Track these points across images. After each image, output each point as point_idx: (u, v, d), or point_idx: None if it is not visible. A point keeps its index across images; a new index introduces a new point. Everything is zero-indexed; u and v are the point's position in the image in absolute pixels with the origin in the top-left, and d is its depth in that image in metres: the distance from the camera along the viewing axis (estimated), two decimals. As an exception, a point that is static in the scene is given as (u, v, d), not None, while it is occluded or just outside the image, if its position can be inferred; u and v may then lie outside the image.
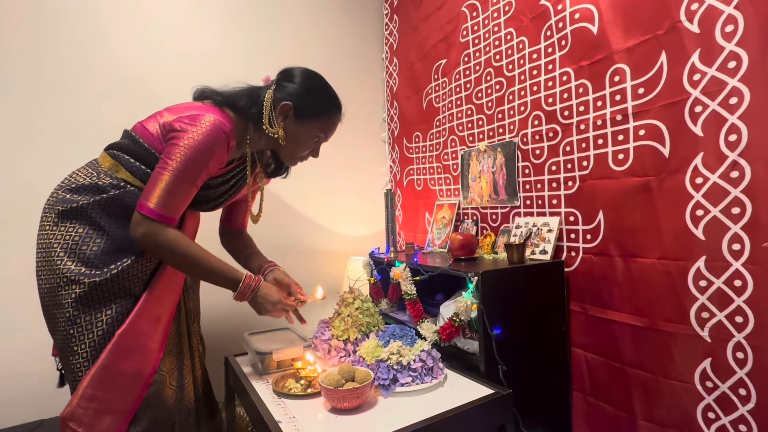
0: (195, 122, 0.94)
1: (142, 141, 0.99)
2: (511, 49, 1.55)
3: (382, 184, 2.36)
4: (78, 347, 0.92)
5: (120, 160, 1.00)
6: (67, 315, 0.92)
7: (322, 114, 1.09)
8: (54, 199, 0.98)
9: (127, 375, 0.96)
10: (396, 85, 2.28)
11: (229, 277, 1.03)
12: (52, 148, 1.54)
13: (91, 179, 0.98)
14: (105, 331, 0.93)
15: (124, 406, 0.96)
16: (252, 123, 1.05)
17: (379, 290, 1.69)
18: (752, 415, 0.95)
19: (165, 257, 0.97)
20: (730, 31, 0.94)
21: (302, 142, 1.09)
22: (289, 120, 1.05)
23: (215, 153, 0.95)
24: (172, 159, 0.91)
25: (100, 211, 0.96)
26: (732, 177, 0.96)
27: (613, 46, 1.19)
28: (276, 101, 1.04)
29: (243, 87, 1.08)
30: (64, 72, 1.56)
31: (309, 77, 1.09)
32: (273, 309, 1.09)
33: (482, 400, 1.00)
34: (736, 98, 0.94)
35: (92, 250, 0.94)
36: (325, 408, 1.00)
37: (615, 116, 1.20)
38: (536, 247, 1.41)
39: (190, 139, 0.92)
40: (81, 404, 0.92)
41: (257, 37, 1.96)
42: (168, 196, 0.91)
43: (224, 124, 0.96)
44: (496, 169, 1.63)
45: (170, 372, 1.04)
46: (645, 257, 1.15)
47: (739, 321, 0.96)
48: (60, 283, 0.92)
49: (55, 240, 0.94)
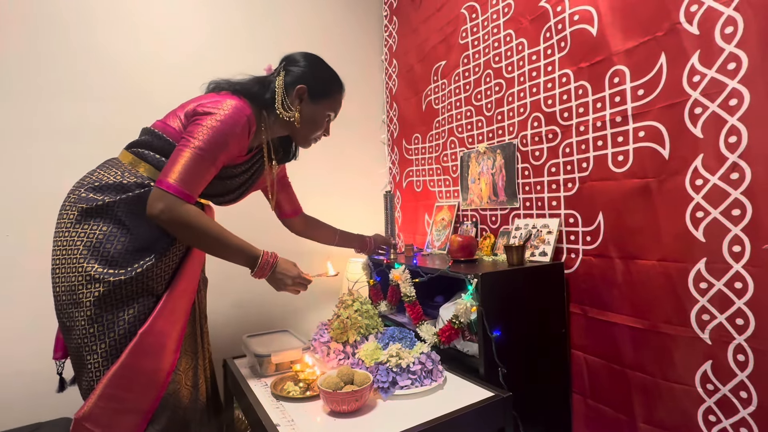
0: (217, 105, 0.97)
1: (165, 136, 1.00)
2: (511, 50, 1.55)
3: (381, 185, 2.36)
4: (98, 346, 0.91)
5: (144, 156, 1.01)
6: (88, 314, 0.91)
7: (332, 92, 1.14)
8: (76, 197, 0.97)
9: (147, 374, 0.96)
10: (395, 87, 2.28)
11: (247, 254, 1.02)
12: (48, 149, 1.52)
13: (116, 178, 0.98)
14: (127, 330, 0.93)
15: (143, 406, 0.95)
16: (266, 110, 1.08)
17: (379, 292, 1.69)
18: (753, 418, 0.95)
19: (183, 234, 0.95)
20: (730, 32, 0.94)
21: (318, 122, 1.13)
22: (304, 102, 1.10)
23: (237, 135, 0.98)
24: (194, 137, 0.93)
25: (125, 210, 0.96)
26: (732, 179, 0.96)
27: (612, 48, 1.19)
28: (288, 85, 1.08)
29: (250, 77, 1.11)
30: (58, 73, 1.55)
31: (312, 59, 1.14)
32: (292, 284, 1.09)
33: (482, 403, 0.99)
34: (736, 100, 0.94)
35: (116, 248, 0.94)
36: (323, 411, 0.99)
37: (614, 118, 1.20)
38: (536, 248, 1.40)
39: (213, 119, 0.94)
40: (99, 404, 0.91)
41: (255, 38, 1.96)
42: (188, 173, 0.91)
43: (246, 108, 1.00)
44: (495, 171, 1.63)
45: (186, 372, 1.05)
46: (645, 259, 1.14)
47: (739, 323, 0.96)
48: (82, 281, 0.91)
49: (78, 238, 0.93)
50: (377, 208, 2.22)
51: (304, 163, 1.37)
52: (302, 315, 2.01)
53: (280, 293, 1.13)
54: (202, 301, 1.19)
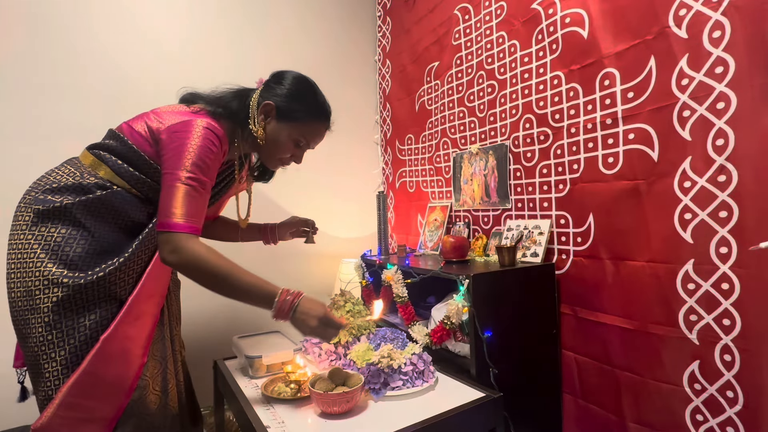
0: (189, 128, 0.91)
1: (131, 143, 0.97)
2: (503, 52, 1.55)
3: (374, 186, 2.36)
4: (57, 354, 0.88)
5: (105, 161, 0.97)
6: (45, 320, 0.88)
7: (304, 118, 1.05)
8: (31, 198, 0.93)
9: (111, 381, 0.92)
10: (389, 88, 2.28)
11: (263, 293, 0.90)
12: (28, 149, 1.48)
13: (74, 179, 0.95)
14: (88, 336, 0.90)
15: (106, 414, 0.93)
16: (240, 126, 1.04)
17: (371, 293, 1.68)
18: (739, 417, 0.96)
19: (198, 274, 0.88)
20: (718, 36, 0.95)
21: (281, 144, 1.05)
22: (270, 120, 1.03)
23: (216, 156, 0.93)
24: (179, 169, 0.88)
25: (85, 212, 0.93)
26: (719, 181, 0.97)
27: (603, 51, 1.20)
28: (260, 101, 1.03)
29: (233, 89, 1.06)
30: (42, 72, 1.52)
31: (298, 82, 1.06)
32: (318, 325, 0.91)
33: (473, 403, 0.99)
34: (723, 103, 0.95)
35: (75, 251, 0.91)
36: (314, 413, 0.98)
37: (605, 120, 1.21)
38: (527, 249, 1.41)
39: (191, 146, 0.89)
40: (59, 413, 0.88)
41: (248, 38, 1.94)
42: (189, 206, 0.87)
43: (216, 128, 0.95)
44: (487, 172, 1.64)
45: (154, 377, 1.02)
46: (634, 260, 1.15)
47: (726, 324, 0.97)
48: (39, 285, 0.88)
49: (35, 241, 0.90)
50: (370, 208, 2.22)
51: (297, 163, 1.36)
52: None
53: None
54: (173, 304, 1.15)
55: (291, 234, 1.37)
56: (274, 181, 1.30)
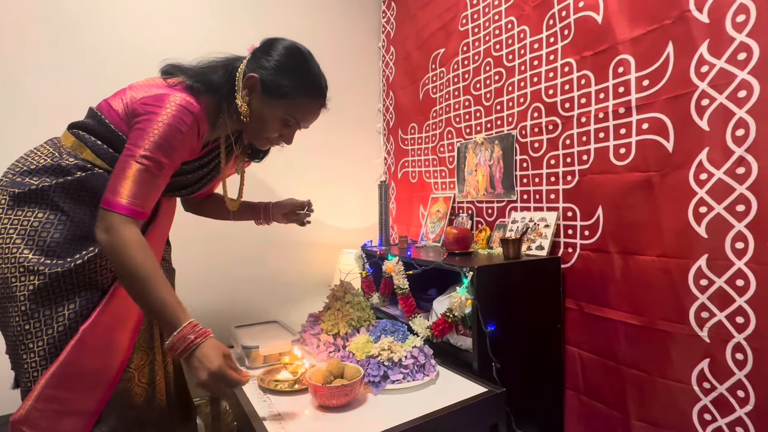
0: (161, 103, 0.85)
1: (108, 122, 0.92)
2: (512, 38, 1.50)
3: (376, 175, 2.32)
4: (35, 344, 0.85)
5: (85, 141, 0.92)
6: (22, 309, 0.84)
7: (293, 94, 0.94)
8: (7, 181, 0.89)
9: (92, 373, 0.89)
10: (392, 75, 2.23)
11: (169, 317, 0.80)
12: (9, 130, 1.43)
13: (53, 160, 0.90)
14: (67, 326, 0.86)
15: (88, 407, 0.89)
16: (226, 100, 0.95)
17: (371, 284, 1.66)
18: (750, 417, 0.93)
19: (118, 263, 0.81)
20: (742, 21, 0.91)
21: (267, 122, 0.96)
22: (255, 95, 0.94)
23: (184, 136, 0.86)
24: (138, 146, 0.82)
25: (63, 195, 0.88)
26: (738, 173, 0.93)
27: (617, 36, 1.15)
28: (246, 73, 0.94)
29: (219, 59, 0.98)
30: (26, 49, 1.47)
31: (289, 53, 0.96)
32: (208, 378, 0.78)
33: (475, 398, 0.97)
34: (745, 91, 0.91)
35: (53, 237, 0.86)
36: (312, 405, 0.96)
37: (617, 109, 1.17)
38: (532, 242, 1.37)
39: (157, 123, 0.83)
40: (38, 406, 0.84)
41: (248, 22, 1.89)
42: (138, 188, 0.82)
43: (192, 105, 0.87)
44: (492, 162, 1.60)
45: (139, 368, 0.98)
46: (644, 255, 1.12)
47: (740, 321, 0.94)
48: (15, 273, 0.84)
49: (11, 226, 0.86)
50: (371, 198, 2.18)
51: (297, 150, 1.32)
52: (292, 306, 1.97)
53: (270, 283, 1.06)
54: None
55: (284, 216, 1.26)
56: (274, 169, 1.26)
